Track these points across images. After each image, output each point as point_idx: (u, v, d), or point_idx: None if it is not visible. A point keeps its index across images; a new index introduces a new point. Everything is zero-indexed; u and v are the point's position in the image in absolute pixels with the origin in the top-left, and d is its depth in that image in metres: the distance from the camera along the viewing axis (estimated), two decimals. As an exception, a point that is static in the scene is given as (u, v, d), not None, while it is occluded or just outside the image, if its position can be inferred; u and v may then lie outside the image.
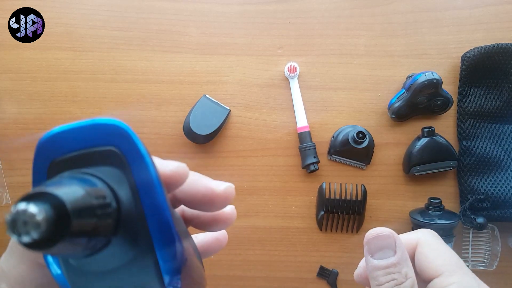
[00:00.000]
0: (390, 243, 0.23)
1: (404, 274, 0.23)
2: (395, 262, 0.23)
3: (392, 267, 0.23)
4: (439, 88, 0.56)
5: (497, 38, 0.60)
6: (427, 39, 0.61)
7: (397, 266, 0.23)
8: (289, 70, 0.60)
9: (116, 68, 0.62)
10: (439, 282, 0.23)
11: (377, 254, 0.23)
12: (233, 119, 0.62)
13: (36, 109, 0.62)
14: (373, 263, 0.23)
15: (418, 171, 0.58)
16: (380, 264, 0.23)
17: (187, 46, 0.62)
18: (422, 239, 0.26)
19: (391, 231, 0.24)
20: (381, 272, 0.23)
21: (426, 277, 0.24)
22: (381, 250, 0.23)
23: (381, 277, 0.23)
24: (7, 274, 0.18)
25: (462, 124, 0.60)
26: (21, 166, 0.62)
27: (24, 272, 0.18)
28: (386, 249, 0.23)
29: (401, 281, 0.22)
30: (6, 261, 0.19)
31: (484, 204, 0.58)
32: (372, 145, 0.60)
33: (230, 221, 0.22)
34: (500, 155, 0.59)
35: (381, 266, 0.23)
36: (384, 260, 0.23)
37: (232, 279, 0.62)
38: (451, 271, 0.23)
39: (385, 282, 0.23)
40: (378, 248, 0.23)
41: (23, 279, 0.18)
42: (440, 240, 0.26)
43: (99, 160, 0.13)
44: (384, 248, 0.23)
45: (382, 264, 0.23)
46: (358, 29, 0.61)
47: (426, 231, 0.27)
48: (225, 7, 0.62)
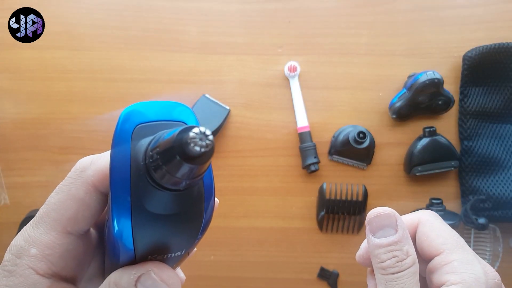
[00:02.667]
0: (391, 221, 0.24)
1: (406, 251, 0.23)
2: (396, 240, 0.23)
3: (393, 245, 0.23)
4: (440, 87, 0.56)
5: (499, 37, 0.59)
6: (428, 38, 0.61)
7: (398, 244, 0.23)
8: (289, 70, 0.60)
9: (115, 68, 0.61)
10: (440, 260, 0.23)
11: (378, 232, 0.24)
12: (233, 119, 0.61)
13: (35, 109, 0.61)
14: (375, 241, 0.24)
15: (419, 171, 0.58)
16: (381, 242, 0.23)
17: (187, 45, 0.61)
18: (422, 218, 0.26)
19: (392, 210, 0.24)
20: (383, 250, 0.23)
21: (427, 256, 0.25)
22: (383, 229, 0.24)
23: (382, 255, 0.23)
24: (36, 240, 0.20)
25: (464, 124, 0.59)
26: (19, 166, 0.61)
27: (54, 238, 0.20)
28: (388, 227, 0.24)
29: (402, 258, 0.23)
30: (34, 230, 0.20)
31: (486, 205, 0.58)
32: (373, 145, 0.59)
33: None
34: (502, 155, 0.59)
35: (383, 244, 0.23)
36: (386, 238, 0.23)
37: (232, 280, 0.62)
38: (452, 249, 0.24)
39: (387, 259, 0.23)
40: (380, 227, 0.24)
41: (53, 244, 0.20)
42: (440, 220, 0.26)
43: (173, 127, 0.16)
44: (386, 226, 0.24)
45: (384, 242, 0.23)
46: (359, 28, 0.61)
47: (426, 211, 0.27)
48: (224, 6, 0.61)
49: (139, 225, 0.17)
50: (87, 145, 0.61)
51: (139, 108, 0.18)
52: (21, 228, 0.63)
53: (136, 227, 0.17)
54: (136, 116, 0.17)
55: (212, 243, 0.62)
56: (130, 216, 0.17)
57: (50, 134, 0.61)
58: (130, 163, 0.17)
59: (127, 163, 0.17)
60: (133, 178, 0.17)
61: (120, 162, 0.17)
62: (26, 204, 0.61)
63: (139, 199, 0.17)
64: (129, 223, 0.17)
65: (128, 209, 0.17)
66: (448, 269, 0.23)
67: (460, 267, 0.23)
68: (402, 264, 0.23)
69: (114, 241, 0.18)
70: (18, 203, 0.61)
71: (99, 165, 0.21)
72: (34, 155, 0.61)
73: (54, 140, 0.61)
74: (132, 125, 0.17)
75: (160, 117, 0.18)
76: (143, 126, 0.17)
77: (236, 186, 0.61)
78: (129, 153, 0.17)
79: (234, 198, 0.61)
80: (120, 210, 0.17)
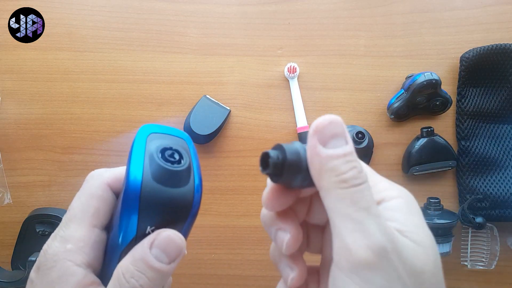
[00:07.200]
0: (342, 130, 0.21)
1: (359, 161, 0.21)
2: (351, 150, 0.21)
3: (349, 155, 0.20)
4: (438, 88, 0.56)
5: (496, 38, 0.60)
6: (426, 39, 0.61)
7: (353, 153, 0.21)
8: (289, 71, 0.60)
9: (117, 69, 0.62)
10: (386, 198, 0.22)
11: (331, 142, 0.21)
12: (233, 119, 0.62)
13: (37, 109, 0.62)
14: (329, 152, 0.20)
15: (417, 171, 0.58)
16: (338, 153, 0.20)
17: (188, 46, 0.62)
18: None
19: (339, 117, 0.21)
20: (341, 160, 0.20)
21: None
22: (335, 138, 0.21)
23: (342, 166, 0.20)
24: (70, 237, 0.23)
25: (461, 124, 0.60)
26: (22, 166, 0.62)
27: (85, 232, 0.24)
28: (339, 137, 0.21)
29: (361, 168, 0.21)
30: (65, 230, 0.24)
31: (483, 204, 0.58)
32: (371, 145, 0.60)
33: None
34: (499, 155, 0.59)
35: (340, 154, 0.20)
36: (341, 148, 0.20)
37: (232, 278, 0.62)
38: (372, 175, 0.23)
39: (348, 170, 0.20)
40: (332, 136, 0.21)
41: (84, 237, 0.23)
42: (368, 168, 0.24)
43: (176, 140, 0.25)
44: (337, 136, 0.21)
45: (340, 152, 0.20)
46: (358, 29, 0.62)
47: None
48: (225, 8, 0.62)
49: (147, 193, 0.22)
50: (89, 145, 0.62)
51: (152, 125, 0.25)
52: (24, 227, 0.63)
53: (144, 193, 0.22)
54: (150, 128, 0.25)
55: (212, 241, 0.62)
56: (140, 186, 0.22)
57: (53, 134, 0.62)
58: (144, 152, 0.23)
59: (142, 150, 0.23)
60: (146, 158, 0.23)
61: (138, 150, 0.23)
62: (29, 203, 0.62)
63: (148, 175, 0.22)
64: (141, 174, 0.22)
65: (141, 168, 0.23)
66: (380, 188, 0.23)
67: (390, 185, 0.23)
68: (363, 174, 0.20)
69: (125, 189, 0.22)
70: (21, 203, 0.62)
71: (113, 171, 0.26)
72: (36, 155, 0.62)
73: (56, 140, 0.62)
74: (146, 133, 0.24)
75: (166, 132, 0.25)
76: (154, 134, 0.24)
77: (236, 186, 0.62)
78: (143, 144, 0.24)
79: (234, 197, 0.62)
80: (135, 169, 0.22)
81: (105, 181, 0.25)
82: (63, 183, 0.62)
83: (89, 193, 0.25)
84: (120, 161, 0.62)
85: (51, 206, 0.62)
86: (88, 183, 0.25)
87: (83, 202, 0.24)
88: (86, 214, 0.24)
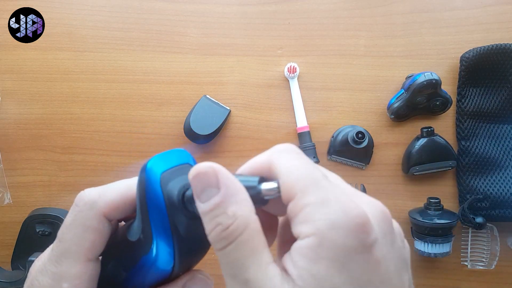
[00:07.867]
0: (211, 180, 0.19)
1: (232, 213, 0.18)
2: (218, 202, 0.18)
3: (216, 209, 0.18)
4: (438, 88, 0.56)
5: (496, 38, 0.60)
6: (426, 39, 0.61)
7: (221, 206, 0.18)
8: (289, 71, 0.60)
9: (117, 69, 0.62)
10: (293, 207, 0.19)
11: (202, 195, 0.19)
12: (233, 119, 0.62)
13: (37, 109, 0.62)
14: (200, 207, 0.19)
15: (417, 171, 0.58)
16: (204, 209, 0.19)
17: (188, 46, 0.62)
18: (273, 157, 0.21)
19: (210, 164, 0.19)
20: (207, 218, 0.19)
21: (285, 202, 0.20)
22: (204, 191, 0.19)
23: (207, 224, 0.19)
24: (65, 275, 0.22)
25: (461, 124, 0.60)
26: (22, 166, 0.62)
27: (81, 269, 0.22)
28: (209, 188, 0.19)
29: (227, 224, 0.18)
30: (60, 265, 0.22)
31: (483, 204, 0.58)
32: (371, 145, 0.60)
33: None
34: (499, 155, 0.59)
35: (206, 210, 0.19)
36: (208, 202, 0.19)
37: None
38: (305, 190, 0.19)
39: (211, 229, 0.18)
40: (202, 189, 0.19)
41: (80, 274, 0.22)
42: (294, 154, 0.21)
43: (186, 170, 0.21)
44: (207, 187, 0.19)
45: (206, 208, 0.19)
46: (358, 29, 0.62)
47: (279, 146, 0.21)
48: (225, 8, 0.62)
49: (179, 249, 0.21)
50: (89, 145, 0.62)
51: (156, 161, 0.22)
52: (24, 227, 0.63)
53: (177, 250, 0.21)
54: (157, 167, 0.22)
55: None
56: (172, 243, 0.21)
57: (53, 134, 0.62)
58: (164, 203, 0.21)
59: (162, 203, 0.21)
60: (170, 214, 0.21)
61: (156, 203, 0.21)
62: (28, 203, 0.62)
63: (176, 228, 0.21)
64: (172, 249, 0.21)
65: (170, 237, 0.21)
66: (301, 218, 0.18)
67: (314, 213, 0.18)
68: (228, 232, 0.18)
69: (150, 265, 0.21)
70: (21, 203, 0.62)
71: (108, 198, 0.23)
72: (36, 155, 0.62)
73: (56, 140, 0.62)
74: (157, 173, 0.21)
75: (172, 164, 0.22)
76: (164, 173, 0.22)
77: (236, 186, 0.62)
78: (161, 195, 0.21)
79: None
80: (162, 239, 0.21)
81: (101, 211, 0.22)
82: (63, 183, 0.62)
83: (83, 225, 0.22)
84: (120, 161, 0.62)
85: (51, 206, 0.62)
86: (82, 213, 0.22)
87: (78, 235, 0.22)
88: (81, 248, 0.22)
